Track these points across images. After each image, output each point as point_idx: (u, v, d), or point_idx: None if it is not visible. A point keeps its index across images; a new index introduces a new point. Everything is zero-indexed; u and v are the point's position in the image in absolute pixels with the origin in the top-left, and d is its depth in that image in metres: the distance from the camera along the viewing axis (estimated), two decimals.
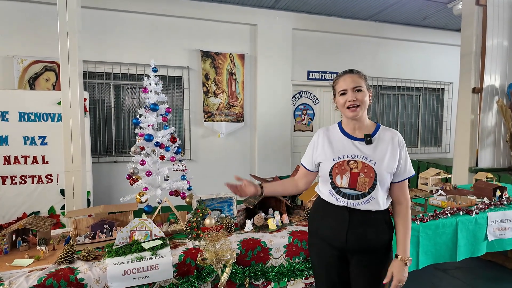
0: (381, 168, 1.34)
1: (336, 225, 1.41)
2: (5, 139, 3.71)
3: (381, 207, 1.37)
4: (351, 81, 1.37)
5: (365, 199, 1.36)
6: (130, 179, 2.00)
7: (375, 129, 1.42)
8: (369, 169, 1.34)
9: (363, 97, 1.36)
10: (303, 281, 1.84)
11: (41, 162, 3.85)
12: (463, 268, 3.07)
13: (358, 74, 1.40)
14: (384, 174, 1.34)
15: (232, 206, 2.25)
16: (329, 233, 1.44)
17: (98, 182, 4.45)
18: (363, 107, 1.37)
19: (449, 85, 6.42)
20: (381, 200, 1.36)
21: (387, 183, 1.37)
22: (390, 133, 1.40)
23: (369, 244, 1.38)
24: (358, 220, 1.37)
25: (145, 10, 4.58)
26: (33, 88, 4.20)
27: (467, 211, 2.26)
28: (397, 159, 1.36)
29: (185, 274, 1.62)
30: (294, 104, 5.64)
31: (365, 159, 1.35)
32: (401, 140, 1.40)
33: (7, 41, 4.11)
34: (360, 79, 1.38)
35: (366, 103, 1.38)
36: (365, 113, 1.41)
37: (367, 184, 1.34)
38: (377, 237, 1.38)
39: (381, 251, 1.40)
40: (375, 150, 1.36)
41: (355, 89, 1.36)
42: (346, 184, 1.37)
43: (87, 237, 1.86)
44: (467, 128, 4.45)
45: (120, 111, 4.72)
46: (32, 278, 1.43)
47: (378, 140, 1.38)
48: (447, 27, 6.06)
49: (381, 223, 1.39)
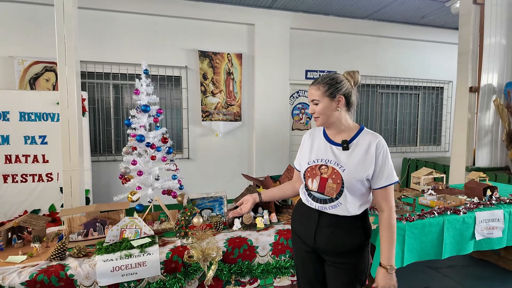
0: (349, 175, 1.33)
1: (307, 224, 1.45)
2: (6, 138, 3.80)
3: (351, 213, 1.36)
4: (309, 93, 1.42)
5: (333, 204, 1.37)
6: (122, 179, 2.06)
7: (356, 133, 1.40)
8: (337, 175, 1.35)
9: (321, 108, 1.37)
10: (289, 278, 1.88)
11: (42, 161, 3.94)
12: (455, 267, 3.09)
13: (317, 85, 1.38)
14: (353, 181, 1.33)
15: (223, 205, 2.30)
16: (301, 232, 1.49)
17: (97, 181, 4.53)
18: (324, 117, 1.38)
19: (448, 83, 6.41)
20: (350, 206, 1.36)
21: (359, 189, 1.36)
22: (370, 139, 1.36)
23: (338, 247, 1.39)
24: (326, 222, 1.40)
25: (143, 10, 4.63)
26: (33, 88, 4.28)
27: (454, 210, 2.29)
28: (371, 167, 1.34)
29: (172, 271, 1.68)
30: (292, 103, 5.67)
31: (336, 164, 1.36)
32: (381, 146, 1.35)
33: (8, 42, 4.18)
34: (316, 91, 1.37)
35: (325, 113, 1.37)
36: (341, 117, 1.40)
37: (335, 190, 1.35)
38: (347, 240, 1.38)
39: (353, 254, 1.40)
40: (349, 157, 1.36)
41: (313, 102, 1.40)
42: (316, 188, 1.40)
43: (80, 235, 1.92)
44: (464, 127, 4.45)
45: (119, 110, 4.79)
46: (24, 274, 1.49)
47: (356, 146, 1.37)
48: (446, 26, 6.04)
49: (352, 227, 1.39)
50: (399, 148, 6.27)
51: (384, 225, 1.38)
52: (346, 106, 1.40)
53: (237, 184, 5.30)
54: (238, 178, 5.29)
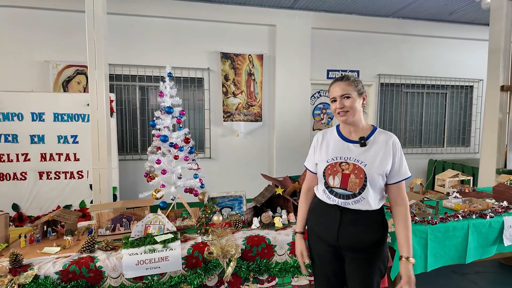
0: (371, 170, 1.38)
1: (328, 223, 1.48)
2: (42, 138, 4.06)
3: (372, 207, 1.41)
4: (339, 89, 1.44)
5: (356, 199, 1.41)
6: (147, 177, 2.16)
7: (371, 132, 1.46)
8: (359, 171, 1.39)
9: (351, 103, 1.41)
10: (307, 278, 1.90)
11: (73, 159, 4.17)
12: (481, 273, 2.97)
13: (347, 81, 1.44)
14: (375, 176, 1.38)
15: (242, 204, 2.35)
16: (322, 230, 1.51)
17: (124, 178, 4.73)
18: (352, 113, 1.43)
19: (478, 82, 6.13)
20: (372, 201, 1.41)
21: (379, 184, 1.41)
22: (385, 136, 1.44)
23: (360, 242, 1.42)
24: (348, 219, 1.43)
25: (167, 14, 4.78)
26: (66, 90, 4.53)
27: (480, 214, 2.21)
28: (389, 162, 1.40)
29: (193, 266, 1.75)
30: (313, 103, 5.64)
31: (356, 161, 1.41)
32: (396, 143, 1.43)
33: (44, 48, 4.46)
34: (348, 87, 1.42)
35: (355, 108, 1.42)
36: (361, 116, 1.47)
37: (357, 185, 1.40)
38: (368, 235, 1.42)
39: (373, 249, 1.44)
40: (368, 153, 1.41)
41: (343, 96, 1.43)
42: (338, 184, 1.44)
43: (107, 229, 2.04)
44: (495, 127, 4.26)
45: (144, 111, 4.97)
46: (58, 264, 1.61)
47: (373, 142, 1.43)
48: (476, 22, 5.78)
49: (372, 222, 1.43)
50: (425, 149, 6.07)
51: (400, 217, 1.44)
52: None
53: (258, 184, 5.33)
54: (258, 178, 5.32)
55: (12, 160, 4.03)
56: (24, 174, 4.08)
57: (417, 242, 2.01)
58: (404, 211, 1.44)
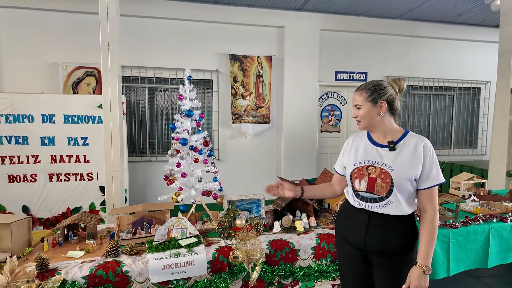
0: (398, 175, 1.37)
1: (356, 226, 1.47)
2: (52, 139, 4.05)
3: (401, 212, 1.39)
4: (353, 99, 1.50)
5: (383, 203, 1.40)
6: (167, 180, 2.15)
7: (402, 135, 1.45)
8: (386, 175, 1.39)
9: (363, 113, 1.44)
10: (330, 282, 1.90)
11: (83, 161, 4.15)
12: (497, 276, 2.97)
13: (360, 91, 1.46)
14: (401, 180, 1.36)
15: (261, 207, 2.34)
16: (350, 234, 1.51)
17: (133, 180, 4.72)
18: (366, 121, 1.45)
19: (486, 84, 6.13)
20: (400, 205, 1.39)
21: (407, 189, 1.38)
22: (416, 140, 1.41)
23: (388, 247, 1.41)
24: (376, 223, 1.42)
25: (175, 16, 4.78)
26: (75, 92, 4.53)
27: (501, 218, 2.21)
28: (419, 167, 1.37)
29: (218, 270, 1.74)
30: (321, 105, 5.64)
31: (383, 165, 1.40)
32: (428, 147, 1.39)
33: (54, 49, 4.46)
34: (359, 97, 1.45)
35: (368, 117, 1.44)
36: (389, 120, 1.46)
37: (384, 188, 1.39)
38: (397, 241, 1.41)
39: (402, 254, 1.42)
40: (397, 157, 1.40)
41: (356, 106, 1.47)
42: (364, 188, 1.44)
43: (128, 233, 2.03)
44: (505, 129, 4.25)
45: (153, 113, 4.97)
46: (84, 268, 1.60)
47: (402, 147, 1.41)
48: (484, 24, 5.78)
49: (401, 228, 1.41)
50: None
51: (426, 225, 1.40)
52: (390, 111, 1.46)
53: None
54: (267, 179, 5.34)
55: (23, 162, 4.02)
56: (34, 176, 4.07)
57: (439, 246, 2.00)
58: (431, 219, 1.39)
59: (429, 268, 1.36)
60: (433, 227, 1.39)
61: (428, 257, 1.37)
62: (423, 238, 1.40)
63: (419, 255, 1.39)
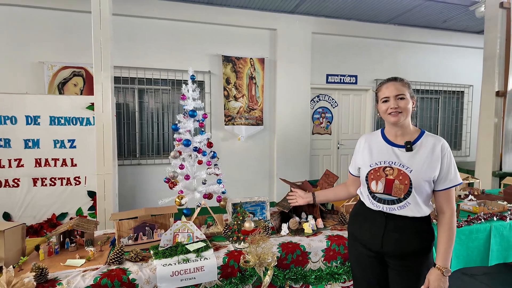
0: (417, 176, 1.34)
1: (373, 229, 1.45)
2: (36, 142, 3.84)
3: (419, 213, 1.37)
4: (394, 89, 1.40)
5: (401, 204, 1.38)
6: (169, 183, 2.07)
7: (418, 136, 1.42)
8: (404, 176, 1.36)
9: (405, 104, 1.39)
10: (340, 284, 1.87)
11: (70, 165, 3.95)
12: (491, 274, 3.04)
13: (401, 82, 1.42)
14: (420, 182, 1.34)
15: (265, 210, 2.29)
16: (366, 237, 1.48)
17: (122, 184, 4.56)
18: (405, 114, 1.39)
19: (469, 87, 6.35)
20: (419, 206, 1.36)
21: (425, 190, 1.36)
22: (434, 140, 1.39)
23: (405, 250, 1.39)
24: (394, 226, 1.40)
25: (167, 16, 4.68)
26: (61, 92, 4.34)
27: (501, 216, 2.26)
28: (437, 168, 1.35)
29: (228, 276, 1.67)
30: (313, 107, 5.66)
31: (401, 166, 1.37)
32: (445, 148, 1.37)
33: (38, 48, 4.26)
34: (403, 87, 1.40)
35: (408, 110, 1.40)
36: (408, 120, 1.43)
37: (403, 190, 1.36)
38: (414, 243, 1.39)
39: (419, 257, 1.40)
40: (414, 158, 1.37)
41: (398, 96, 1.39)
42: (381, 189, 1.41)
43: (130, 239, 1.93)
44: (491, 131, 4.41)
45: (143, 115, 4.83)
46: (87, 277, 1.50)
47: (420, 147, 1.39)
48: (467, 30, 6.01)
49: (419, 230, 1.39)
50: None
51: (444, 227, 1.38)
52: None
53: (260, 188, 5.31)
54: (260, 181, 5.30)
55: (4, 166, 3.79)
56: (17, 180, 3.84)
57: None
58: (449, 220, 1.38)
59: (448, 270, 1.35)
60: (451, 228, 1.38)
61: (447, 258, 1.36)
62: (441, 239, 1.38)
63: (438, 257, 1.37)
